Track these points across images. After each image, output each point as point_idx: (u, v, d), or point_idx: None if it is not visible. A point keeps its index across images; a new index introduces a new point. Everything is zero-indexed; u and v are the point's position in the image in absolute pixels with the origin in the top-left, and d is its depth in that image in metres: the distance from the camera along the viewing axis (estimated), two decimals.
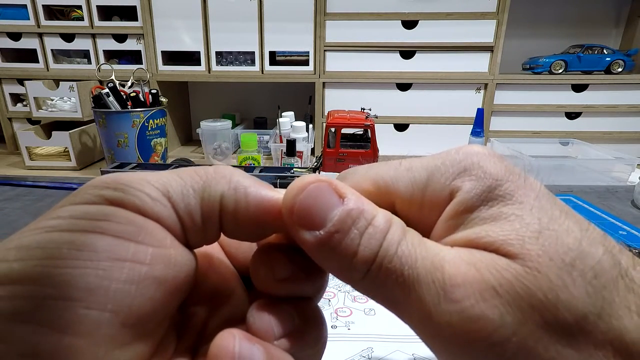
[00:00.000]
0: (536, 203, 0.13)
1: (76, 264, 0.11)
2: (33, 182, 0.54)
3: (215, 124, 1.31)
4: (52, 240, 0.11)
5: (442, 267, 0.12)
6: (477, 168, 0.13)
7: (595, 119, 1.42)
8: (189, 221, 0.14)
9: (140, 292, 0.12)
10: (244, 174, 0.15)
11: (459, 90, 1.41)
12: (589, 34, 1.58)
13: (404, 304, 0.12)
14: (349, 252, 0.13)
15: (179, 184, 0.14)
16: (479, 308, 0.11)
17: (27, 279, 0.11)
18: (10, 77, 1.44)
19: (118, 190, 0.13)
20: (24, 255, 0.11)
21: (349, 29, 1.35)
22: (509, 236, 0.12)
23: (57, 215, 0.12)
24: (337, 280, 0.43)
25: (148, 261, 0.12)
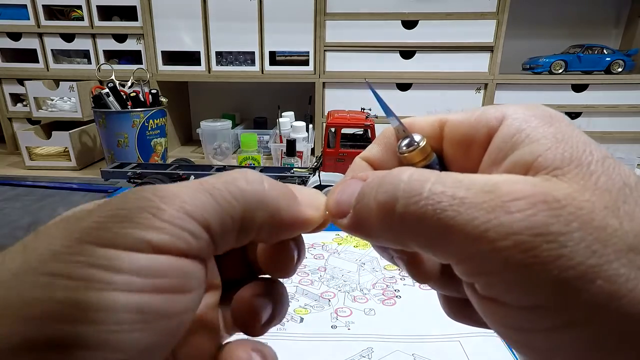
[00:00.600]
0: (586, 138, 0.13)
1: (146, 327, 0.11)
2: (33, 182, 0.54)
3: (215, 124, 1.31)
4: (120, 304, 0.10)
5: (496, 188, 0.11)
6: (522, 107, 0.14)
7: (595, 119, 1.42)
8: (222, 244, 0.14)
9: (183, 331, 0.13)
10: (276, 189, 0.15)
11: (459, 90, 1.41)
12: (589, 34, 1.58)
13: (446, 237, 0.12)
14: (371, 207, 0.13)
15: (217, 211, 0.13)
16: (543, 216, 0.11)
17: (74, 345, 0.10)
18: (10, 77, 1.44)
19: (162, 232, 0.12)
20: (105, 319, 0.10)
21: (349, 29, 1.35)
22: (571, 158, 0.12)
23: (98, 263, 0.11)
24: (337, 280, 0.43)
25: (193, 307, 0.13)
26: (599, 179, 0.11)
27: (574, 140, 0.12)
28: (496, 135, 0.14)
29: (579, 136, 0.13)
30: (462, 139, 0.15)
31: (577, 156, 0.12)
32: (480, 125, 0.15)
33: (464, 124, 0.15)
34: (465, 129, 0.15)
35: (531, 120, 0.13)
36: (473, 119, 0.15)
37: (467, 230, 0.11)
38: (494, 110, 0.15)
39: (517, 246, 0.11)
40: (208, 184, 0.13)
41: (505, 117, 0.14)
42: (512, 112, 0.14)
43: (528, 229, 0.11)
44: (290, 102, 1.55)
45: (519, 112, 0.14)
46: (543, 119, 0.13)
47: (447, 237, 0.12)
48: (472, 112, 0.16)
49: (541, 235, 0.10)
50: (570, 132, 0.13)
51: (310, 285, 0.42)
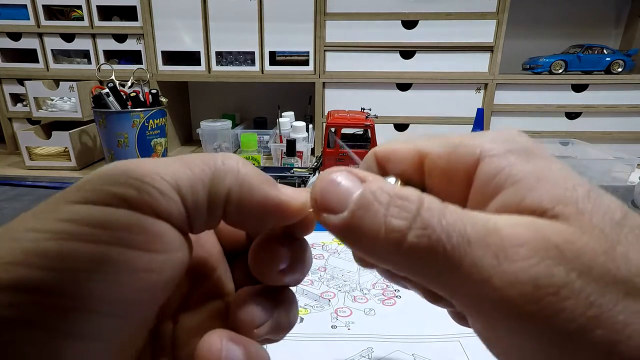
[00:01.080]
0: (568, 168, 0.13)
1: (97, 277, 0.11)
2: (33, 182, 0.54)
3: (215, 124, 1.31)
4: (73, 251, 0.11)
5: (497, 231, 0.12)
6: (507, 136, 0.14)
7: (595, 119, 1.42)
8: (194, 212, 0.14)
9: (150, 297, 0.13)
10: (250, 166, 0.15)
11: (459, 90, 1.41)
12: (589, 34, 1.58)
13: (452, 275, 0.12)
14: (375, 225, 0.12)
15: (188, 176, 0.14)
16: (545, 265, 0.11)
17: (48, 290, 0.11)
18: (10, 77, 1.44)
19: (131, 187, 0.12)
20: (44, 264, 0.11)
21: (349, 29, 1.35)
22: (558, 197, 0.12)
23: (70, 217, 0.12)
24: (337, 280, 0.43)
25: (159, 269, 0.13)
26: (592, 218, 0.11)
27: (555, 176, 0.12)
28: (477, 175, 0.14)
29: (559, 170, 0.13)
30: (442, 174, 0.15)
31: (562, 194, 0.12)
32: (457, 162, 0.14)
33: (443, 159, 0.15)
34: (444, 165, 0.15)
35: (509, 157, 0.13)
36: (450, 155, 0.15)
37: (473, 273, 0.11)
38: (470, 145, 0.14)
39: (520, 297, 0.11)
40: (185, 157, 0.14)
41: (482, 155, 0.14)
42: (488, 148, 0.14)
43: (531, 280, 0.11)
44: (290, 102, 1.55)
45: (495, 147, 0.14)
46: (520, 154, 0.13)
47: (452, 276, 0.12)
48: (448, 144, 0.15)
49: (544, 288, 0.11)
50: (549, 167, 0.13)
51: (310, 285, 0.42)
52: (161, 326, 0.16)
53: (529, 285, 0.11)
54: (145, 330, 0.15)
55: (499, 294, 0.11)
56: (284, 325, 0.17)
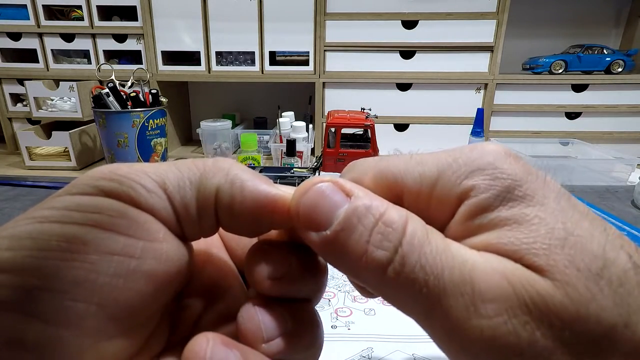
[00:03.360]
0: (557, 205, 0.12)
1: (64, 256, 0.11)
2: (33, 182, 0.54)
3: (215, 124, 1.31)
4: (43, 232, 0.11)
5: (471, 279, 0.11)
6: (492, 168, 0.13)
7: (595, 119, 1.42)
8: (184, 213, 0.13)
9: (128, 286, 0.12)
10: (242, 167, 0.14)
11: (459, 90, 1.41)
12: (589, 34, 1.58)
13: (428, 315, 0.12)
14: (358, 251, 0.12)
15: (175, 175, 0.13)
16: (511, 325, 0.11)
17: (16, 269, 0.11)
18: (10, 77, 1.44)
19: (114, 181, 0.12)
20: (15, 245, 0.11)
21: (349, 29, 1.35)
22: (533, 245, 0.11)
23: (51, 205, 0.12)
24: (337, 280, 0.43)
25: (138, 255, 0.12)
26: (570, 272, 0.11)
27: (536, 221, 0.12)
28: (459, 211, 0.13)
29: (545, 212, 0.12)
30: (422, 209, 0.14)
31: (546, 243, 0.11)
32: (439, 199, 0.13)
33: (422, 197, 0.14)
34: (422, 201, 0.14)
35: (491, 199, 0.12)
36: (430, 193, 0.13)
37: (445, 319, 0.11)
38: (451, 182, 0.13)
39: (485, 353, 0.11)
40: (176, 161, 0.14)
41: (465, 194, 0.13)
42: (471, 186, 0.13)
43: (497, 338, 0.11)
44: (290, 102, 1.55)
45: (479, 184, 0.13)
46: (505, 194, 0.12)
47: (426, 316, 0.12)
48: (426, 178, 0.13)
49: (508, 347, 0.11)
50: (533, 212, 0.12)
51: None
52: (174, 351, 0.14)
53: (494, 344, 0.11)
54: (143, 332, 0.14)
55: (466, 345, 0.11)
56: (304, 343, 0.15)
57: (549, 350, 0.11)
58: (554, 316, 0.11)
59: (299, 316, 0.15)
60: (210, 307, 0.16)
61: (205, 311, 0.16)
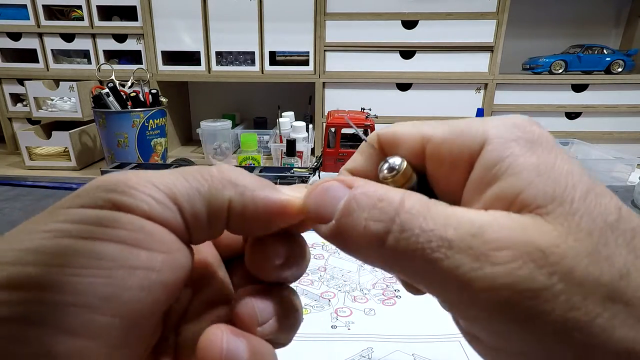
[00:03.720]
0: (566, 158, 0.13)
1: (92, 272, 0.11)
2: (33, 182, 0.54)
3: (215, 124, 1.31)
4: (67, 247, 0.11)
5: (481, 233, 0.12)
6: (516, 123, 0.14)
7: (595, 119, 1.42)
8: (194, 222, 0.14)
9: (148, 297, 0.13)
10: (247, 175, 0.15)
11: (459, 90, 1.41)
12: (589, 34, 1.58)
13: (435, 278, 0.12)
14: (358, 230, 0.13)
15: (184, 186, 0.14)
16: (527, 269, 0.11)
17: (43, 286, 0.11)
18: (10, 77, 1.44)
19: (125, 194, 0.13)
20: (38, 260, 0.11)
21: (349, 29, 1.35)
22: (554, 195, 0.12)
23: (66, 218, 0.12)
24: (337, 280, 0.43)
25: (158, 268, 0.13)
26: (582, 219, 0.11)
27: (556, 172, 0.12)
28: (478, 161, 0.14)
29: (562, 166, 0.12)
30: (445, 159, 0.15)
31: (560, 192, 0.12)
32: (462, 147, 0.14)
33: (447, 144, 0.15)
34: (447, 150, 0.15)
35: (513, 146, 0.13)
36: (454, 139, 0.14)
37: (453, 276, 0.11)
38: (476, 129, 0.14)
39: (499, 300, 0.11)
40: (180, 169, 0.14)
41: (487, 141, 0.14)
42: (493, 134, 0.14)
43: (511, 285, 0.11)
44: (290, 102, 1.55)
45: (500, 134, 0.13)
46: (525, 145, 0.13)
47: (434, 277, 0.12)
48: (454, 128, 0.15)
49: (523, 292, 0.11)
50: (552, 162, 0.12)
51: (310, 285, 0.42)
52: (163, 340, 0.16)
53: (509, 289, 0.11)
54: (149, 336, 0.15)
55: (479, 297, 0.11)
56: (289, 323, 0.17)
57: (563, 293, 0.11)
58: (569, 261, 0.11)
59: (285, 300, 0.16)
60: (198, 295, 0.17)
61: (192, 298, 0.17)
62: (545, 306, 0.11)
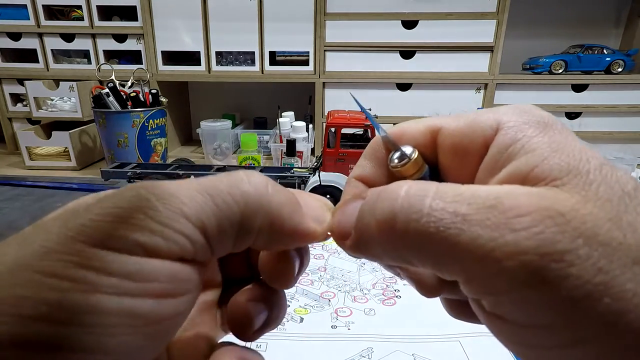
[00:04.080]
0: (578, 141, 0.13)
1: (125, 331, 0.11)
2: (33, 182, 0.54)
3: (215, 124, 1.31)
4: (76, 302, 0.10)
5: (498, 203, 0.11)
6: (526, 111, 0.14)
7: (595, 119, 1.42)
8: (219, 248, 0.13)
9: (171, 334, 0.13)
10: (280, 194, 0.14)
11: (459, 90, 1.41)
12: (589, 34, 1.58)
13: (450, 254, 0.12)
14: (369, 226, 0.13)
15: (215, 214, 0.13)
16: (550, 232, 0.11)
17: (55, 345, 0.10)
18: (10, 77, 1.44)
19: (156, 233, 0.11)
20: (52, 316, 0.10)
21: (349, 29, 1.35)
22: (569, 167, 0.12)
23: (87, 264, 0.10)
24: (337, 280, 0.43)
25: (182, 311, 0.13)
26: (599, 188, 0.11)
27: (569, 148, 0.12)
28: (492, 145, 0.14)
29: (574, 144, 0.13)
30: (457, 148, 0.15)
31: (575, 165, 0.12)
32: (475, 134, 0.14)
33: (458, 132, 0.15)
34: (459, 138, 0.15)
35: (525, 129, 0.13)
36: (467, 128, 0.15)
37: (472, 249, 0.11)
38: (487, 117, 0.14)
39: (524, 266, 0.11)
40: (209, 184, 0.13)
41: (500, 126, 0.14)
42: (506, 120, 0.14)
43: (535, 248, 0.10)
44: (290, 102, 1.55)
45: (512, 119, 0.14)
46: (537, 126, 0.13)
47: (451, 256, 0.12)
48: (464, 118, 0.15)
49: (548, 255, 0.10)
50: (565, 140, 0.13)
51: (310, 285, 0.42)
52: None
53: (532, 253, 0.10)
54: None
55: (501, 265, 0.11)
56: (275, 324, 0.18)
57: (589, 256, 0.10)
58: (591, 224, 0.11)
59: (276, 302, 0.17)
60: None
61: None
62: (572, 270, 0.10)
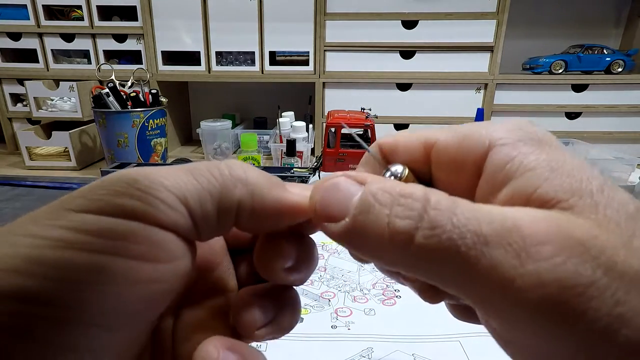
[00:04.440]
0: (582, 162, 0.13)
1: (94, 288, 0.11)
2: (33, 182, 0.54)
3: (215, 124, 1.31)
4: (70, 261, 0.11)
5: (517, 227, 0.11)
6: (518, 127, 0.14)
7: (595, 119, 1.42)
8: (203, 223, 0.14)
9: (150, 307, 0.12)
10: (257, 172, 0.15)
11: (459, 90, 1.41)
12: (589, 34, 1.58)
13: (470, 278, 0.11)
14: (379, 228, 0.12)
15: (195, 187, 0.13)
16: (571, 264, 0.10)
17: (45, 300, 0.10)
18: (10, 77, 1.44)
19: (134, 197, 0.12)
20: (37, 272, 0.10)
21: (349, 29, 1.35)
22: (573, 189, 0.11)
23: (70, 225, 0.11)
24: (337, 280, 0.43)
25: (162, 279, 0.12)
26: (606, 210, 0.11)
27: (568, 167, 0.12)
28: (487, 163, 0.13)
29: (571, 162, 0.12)
30: (450, 163, 0.14)
31: (577, 186, 0.11)
32: (467, 150, 0.14)
33: (451, 148, 0.14)
34: (453, 154, 0.14)
35: (520, 146, 0.13)
36: (459, 144, 0.14)
37: (493, 274, 0.11)
38: (479, 134, 0.14)
39: (544, 300, 0.10)
40: (190, 166, 0.14)
41: (492, 143, 0.13)
42: (498, 137, 0.13)
43: (557, 281, 0.10)
44: (290, 102, 1.55)
45: (505, 136, 0.13)
46: (532, 143, 0.13)
47: (469, 278, 0.11)
48: (458, 132, 0.14)
49: (569, 289, 0.10)
50: (562, 158, 0.12)
51: (310, 285, 0.42)
52: (162, 322, 0.16)
53: (555, 286, 0.10)
54: (145, 336, 0.14)
55: (521, 296, 0.11)
56: (285, 326, 0.16)
57: (608, 287, 0.10)
58: (609, 253, 0.10)
59: (286, 301, 0.16)
60: (201, 280, 0.17)
61: (195, 284, 0.17)
62: (592, 303, 0.10)
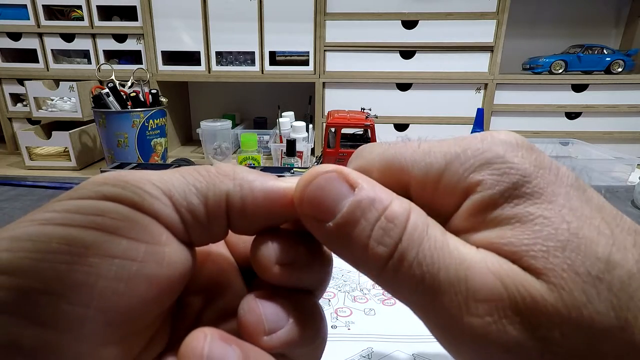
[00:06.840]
0: (567, 202, 0.12)
1: (64, 258, 0.11)
2: (33, 182, 0.54)
3: (215, 124, 1.31)
4: (43, 234, 0.11)
5: (465, 278, 0.12)
6: (501, 161, 0.12)
7: (595, 119, 1.42)
8: (192, 220, 0.13)
9: (129, 290, 0.12)
10: (246, 169, 0.14)
11: (459, 90, 1.41)
12: (589, 34, 1.58)
13: (425, 309, 0.12)
14: (360, 244, 0.12)
15: (181, 182, 0.13)
16: (501, 324, 0.11)
17: (14, 271, 0.10)
18: (10, 77, 1.44)
19: (117, 186, 0.12)
20: (14, 247, 0.11)
21: (349, 29, 1.35)
22: (533, 247, 0.11)
23: (52, 208, 0.12)
24: (337, 280, 0.43)
25: (140, 258, 0.12)
26: (569, 276, 0.11)
27: (545, 221, 0.11)
28: (465, 205, 0.13)
29: (553, 210, 0.12)
30: (429, 201, 0.14)
31: (549, 244, 0.11)
32: (444, 193, 0.13)
33: (429, 188, 0.13)
34: (430, 195, 0.14)
35: (501, 193, 0.12)
36: (436, 184, 0.13)
37: (440, 313, 0.12)
38: (459, 174, 0.13)
39: (476, 348, 0.12)
40: (179, 168, 0.14)
41: (471, 188, 0.12)
42: (477, 180, 0.12)
43: (486, 336, 0.11)
44: (290, 102, 1.55)
45: (486, 179, 0.12)
46: (514, 187, 0.12)
47: (424, 310, 0.12)
48: (434, 168, 0.13)
49: (496, 345, 0.11)
50: (543, 207, 0.12)
51: None
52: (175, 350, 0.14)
53: (484, 340, 0.11)
54: (144, 337, 0.14)
55: (459, 340, 0.12)
56: (306, 337, 0.14)
57: (536, 349, 0.11)
58: (545, 318, 0.11)
59: (302, 308, 0.14)
60: (211, 303, 0.16)
61: (205, 308, 0.16)
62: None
